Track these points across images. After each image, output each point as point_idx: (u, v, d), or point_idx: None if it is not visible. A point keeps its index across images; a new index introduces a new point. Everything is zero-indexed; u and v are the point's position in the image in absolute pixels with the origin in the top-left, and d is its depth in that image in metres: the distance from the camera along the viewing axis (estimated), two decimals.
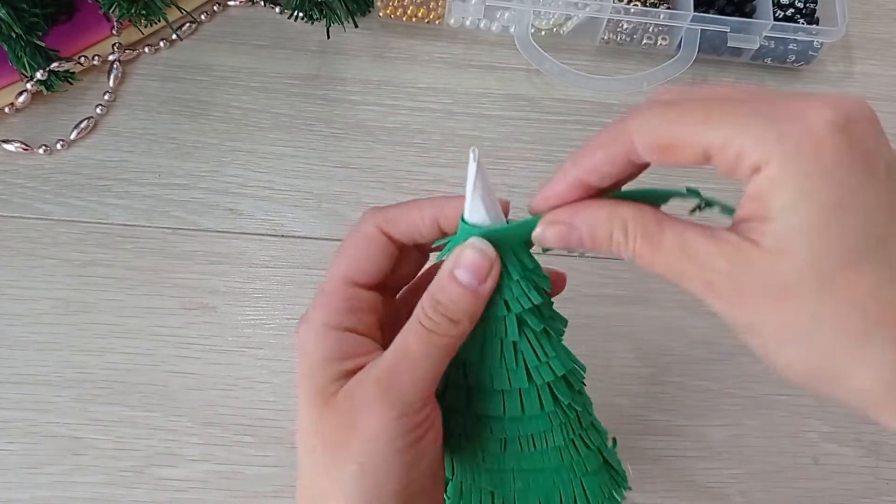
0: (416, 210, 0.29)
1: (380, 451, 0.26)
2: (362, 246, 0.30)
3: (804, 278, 0.22)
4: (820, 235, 0.22)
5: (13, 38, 0.46)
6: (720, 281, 0.23)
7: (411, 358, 0.27)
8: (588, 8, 0.53)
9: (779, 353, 0.24)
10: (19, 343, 0.44)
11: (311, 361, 0.28)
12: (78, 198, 0.48)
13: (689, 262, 0.24)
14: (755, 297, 0.23)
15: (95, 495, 0.41)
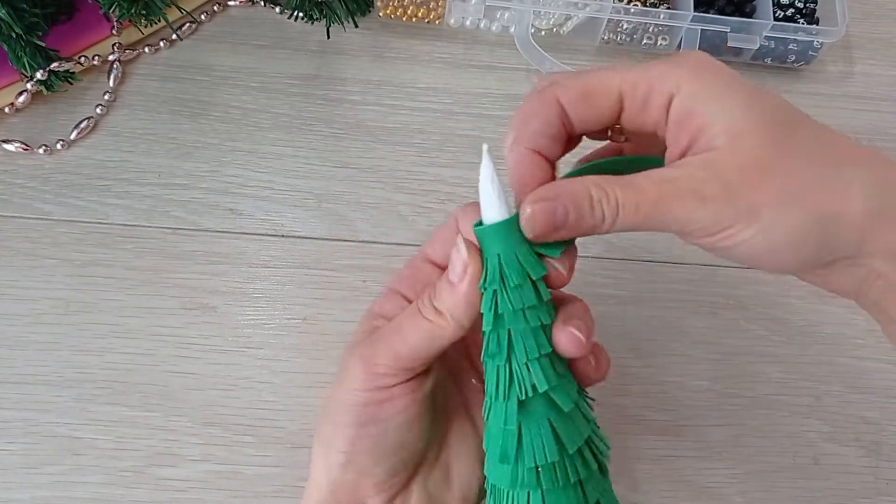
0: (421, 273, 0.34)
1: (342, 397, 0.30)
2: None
3: (768, 146, 0.26)
4: (756, 112, 0.26)
5: (13, 38, 0.46)
6: (706, 185, 0.26)
7: (398, 331, 0.30)
8: (588, 8, 0.53)
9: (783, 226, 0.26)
10: (19, 343, 0.44)
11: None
12: (78, 198, 0.48)
13: (672, 184, 0.26)
14: (742, 182, 0.26)
15: (95, 495, 0.41)
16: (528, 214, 0.27)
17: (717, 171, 0.26)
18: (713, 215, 0.26)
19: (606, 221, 0.27)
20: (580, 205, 0.27)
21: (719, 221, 0.26)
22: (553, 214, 0.27)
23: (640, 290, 0.48)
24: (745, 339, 0.47)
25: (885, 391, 0.47)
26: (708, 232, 0.26)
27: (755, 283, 0.49)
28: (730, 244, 0.26)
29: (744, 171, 0.25)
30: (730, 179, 0.25)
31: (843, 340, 0.48)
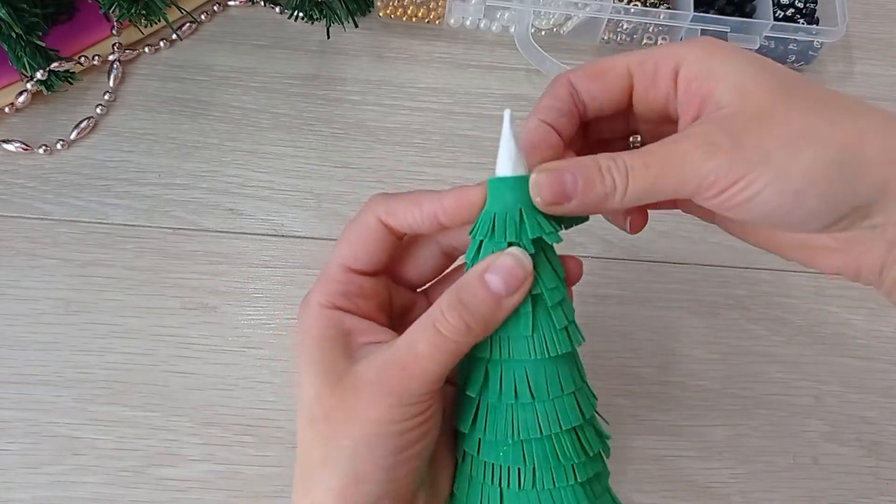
0: (415, 205, 0.30)
1: (374, 433, 0.27)
2: (361, 234, 0.30)
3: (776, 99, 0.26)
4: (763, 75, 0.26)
5: (13, 38, 0.46)
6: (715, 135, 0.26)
7: (417, 357, 0.27)
8: (588, 8, 0.53)
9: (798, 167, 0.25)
10: (19, 343, 0.44)
11: (314, 338, 0.29)
12: (78, 198, 0.48)
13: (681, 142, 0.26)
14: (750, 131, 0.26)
15: (95, 495, 0.41)
16: (535, 179, 0.27)
17: (726, 124, 0.26)
18: (724, 165, 0.25)
19: (618, 189, 0.27)
20: (589, 173, 0.27)
21: (731, 171, 0.25)
22: (561, 181, 0.27)
23: (640, 290, 0.48)
24: (745, 339, 0.48)
25: (885, 391, 0.47)
26: (721, 186, 0.25)
27: (755, 283, 0.49)
28: (747, 197, 0.25)
29: (751, 121, 0.26)
30: (739, 130, 0.26)
31: (843, 340, 0.48)
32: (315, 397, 0.28)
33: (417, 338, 0.27)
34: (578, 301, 0.32)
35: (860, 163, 0.25)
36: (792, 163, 0.25)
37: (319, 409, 0.28)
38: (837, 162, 0.25)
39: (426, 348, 0.27)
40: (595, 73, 0.29)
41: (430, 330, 0.27)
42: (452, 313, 0.27)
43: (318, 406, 0.28)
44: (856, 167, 0.25)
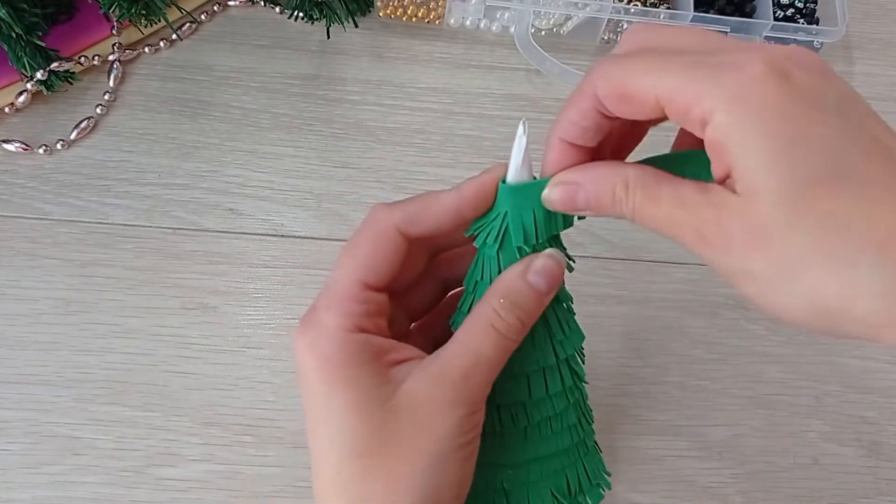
0: (435, 203, 0.29)
1: (447, 449, 0.27)
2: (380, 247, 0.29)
3: (778, 215, 0.23)
4: (780, 170, 0.23)
5: (13, 38, 0.46)
6: (709, 229, 0.24)
7: (485, 361, 0.27)
8: (588, 8, 0.53)
9: (776, 295, 0.24)
10: (19, 343, 0.44)
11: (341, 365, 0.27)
12: (78, 198, 0.48)
13: (683, 212, 0.25)
14: (741, 241, 0.24)
15: (95, 495, 0.41)
16: (547, 193, 0.28)
17: (724, 221, 0.24)
18: (711, 260, 0.25)
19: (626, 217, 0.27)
20: (601, 197, 0.27)
21: (721, 268, 0.25)
22: (573, 198, 0.27)
23: (640, 290, 0.48)
24: (745, 339, 0.47)
25: (885, 391, 0.47)
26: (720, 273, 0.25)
27: None
28: (736, 288, 0.25)
29: (746, 233, 0.23)
30: (732, 236, 0.24)
31: (843, 340, 0.48)
32: (364, 431, 0.27)
33: (482, 345, 0.27)
34: (578, 301, 0.32)
35: (846, 319, 0.23)
36: (773, 293, 0.24)
37: (371, 443, 0.27)
38: (821, 312, 0.23)
39: (493, 352, 0.27)
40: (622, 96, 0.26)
41: (491, 332, 0.27)
42: (510, 314, 0.28)
43: (369, 439, 0.27)
44: (841, 321, 0.23)
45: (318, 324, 0.28)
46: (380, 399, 0.27)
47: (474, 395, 0.27)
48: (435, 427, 0.27)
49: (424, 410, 0.27)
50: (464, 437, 0.27)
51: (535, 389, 0.30)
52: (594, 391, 0.45)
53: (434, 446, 0.27)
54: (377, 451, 0.27)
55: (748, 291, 0.24)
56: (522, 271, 0.28)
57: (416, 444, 0.27)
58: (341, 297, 0.28)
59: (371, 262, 0.28)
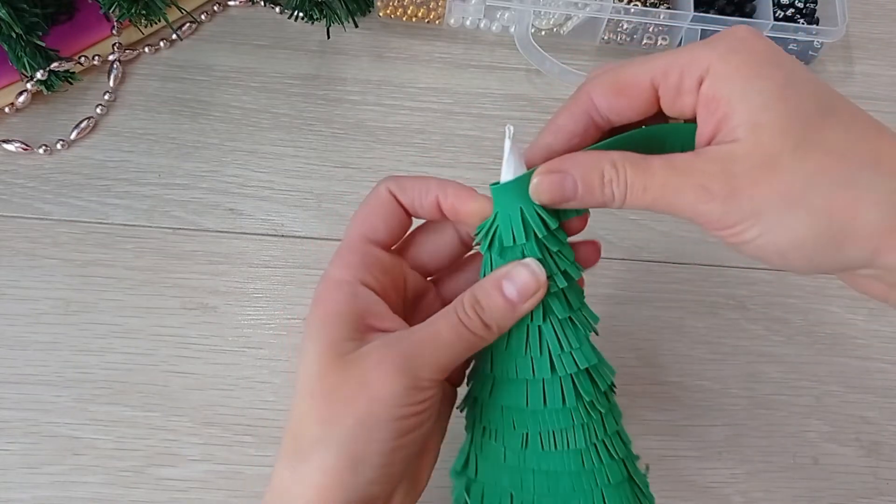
0: (423, 184, 0.31)
1: (379, 414, 0.28)
2: (375, 206, 0.31)
3: (785, 142, 0.25)
4: (781, 106, 0.25)
5: (13, 38, 0.46)
6: (713, 180, 0.25)
7: (438, 341, 0.28)
8: (588, 8, 0.53)
9: (782, 227, 0.25)
10: (19, 343, 0.44)
11: (326, 313, 0.29)
12: (78, 198, 0.48)
13: (681, 176, 0.26)
14: (748, 180, 0.25)
15: (95, 495, 0.41)
16: (535, 183, 0.28)
17: (727, 167, 0.25)
18: (717, 212, 0.26)
19: (616, 200, 0.27)
20: (590, 181, 0.27)
21: (724, 219, 0.26)
22: (561, 186, 0.28)
23: (640, 290, 0.48)
24: (745, 339, 0.48)
25: (885, 391, 0.47)
26: (714, 226, 0.26)
27: (755, 283, 0.49)
28: (737, 241, 0.26)
29: (754, 169, 0.25)
30: (738, 178, 0.25)
31: (843, 340, 0.48)
32: (318, 372, 0.28)
33: (440, 325, 0.29)
34: None
35: (849, 234, 0.25)
36: (780, 225, 0.25)
37: (321, 385, 0.28)
38: (826, 232, 0.25)
39: (449, 335, 0.28)
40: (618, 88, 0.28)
41: (454, 320, 0.29)
42: (474, 314, 0.29)
43: (320, 381, 0.28)
44: (843, 238, 0.25)
45: (325, 275, 0.31)
46: (340, 351, 0.28)
47: (422, 371, 0.28)
48: (374, 389, 0.27)
49: (370, 371, 0.28)
50: (402, 408, 0.28)
51: (532, 399, 0.30)
52: None
53: (368, 407, 0.27)
54: (321, 395, 0.28)
55: (752, 235, 0.26)
56: (500, 276, 0.29)
57: (353, 399, 0.28)
58: (342, 250, 0.31)
59: (370, 219, 0.31)
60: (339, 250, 0.31)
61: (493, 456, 0.31)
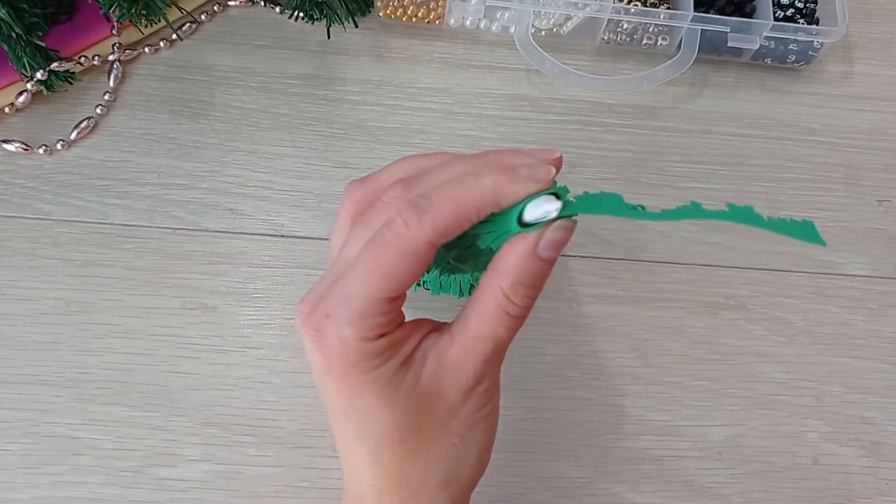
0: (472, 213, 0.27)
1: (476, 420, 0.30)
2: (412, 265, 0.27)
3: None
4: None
5: (13, 38, 0.46)
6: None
7: (501, 344, 0.29)
8: (588, 8, 0.53)
9: None
10: (19, 343, 0.44)
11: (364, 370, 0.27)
12: (78, 198, 0.48)
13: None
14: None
15: (95, 495, 0.41)
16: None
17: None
18: None
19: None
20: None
21: None
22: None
23: (640, 290, 0.48)
24: (745, 339, 0.48)
25: (885, 391, 0.47)
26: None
27: (755, 283, 0.49)
28: None
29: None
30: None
31: (843, 340, 0.48)
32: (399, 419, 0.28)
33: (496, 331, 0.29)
34: (579, 301, 0.32)
35: None
36: None
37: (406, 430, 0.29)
38: None
39: (508, 335, 0.29)
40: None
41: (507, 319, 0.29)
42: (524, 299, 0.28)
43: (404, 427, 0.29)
44: None
45: (340, 336, 0.27)
46: (406, 389, 0.28)
47: (495, 370, 0.30)
48: (462, 409, 0.29)
49: (451, 396, 0.29)
50: (486, 407, 0.30)
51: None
52: (594, 391, 0.45)
53: (462, 427, 0.29)
54: (414, 436, 0.29)
55: None
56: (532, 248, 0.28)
57: (448, 427, 0.29)
58: (364, 313, 0.27)
59: (402, 282, 0.27)
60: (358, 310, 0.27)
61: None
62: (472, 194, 0.27)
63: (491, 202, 0.27)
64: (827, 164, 0.53)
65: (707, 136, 0.54)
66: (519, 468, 0.43)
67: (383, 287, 0.27)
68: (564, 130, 0.53)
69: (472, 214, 0.27)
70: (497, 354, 0.29)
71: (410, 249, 0.27)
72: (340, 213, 0.32)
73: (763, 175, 0.53)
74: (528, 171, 0.28)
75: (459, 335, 0.29)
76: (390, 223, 0.27)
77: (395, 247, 0.27)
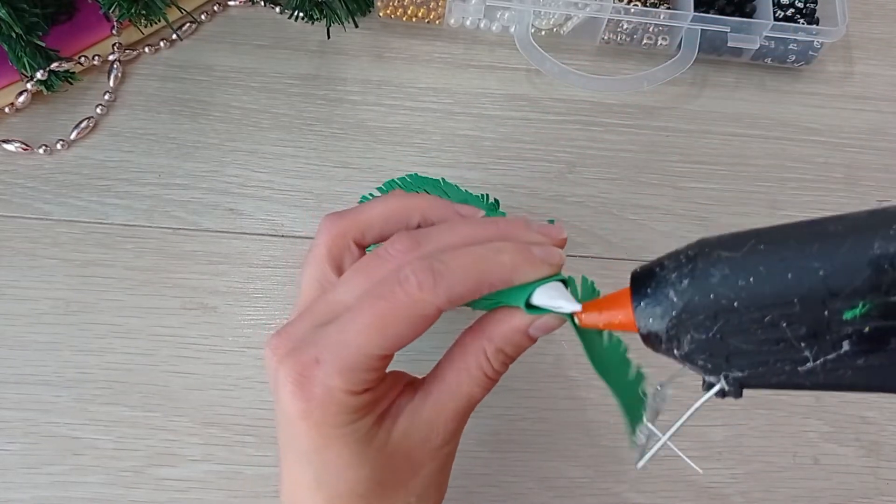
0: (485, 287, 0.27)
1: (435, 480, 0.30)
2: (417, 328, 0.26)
3: None
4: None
5: (13, 38, 0.46)
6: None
7: (475, 402, 0.30)
8: (588, 8, 0.53)
9: None
10: (19, 343, 0.44)
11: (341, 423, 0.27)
12: (78, 198, 0.48)
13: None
14: None
15: (95, 495, 0.41)
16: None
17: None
18: None
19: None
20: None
21: None
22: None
23: None
24: None
25: None
26: None
27: None
28: None
29: None
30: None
31: None
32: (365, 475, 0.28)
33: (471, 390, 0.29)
34: None
35: None
36: None
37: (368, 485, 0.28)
38: None
39: (481, 394, 0.30)
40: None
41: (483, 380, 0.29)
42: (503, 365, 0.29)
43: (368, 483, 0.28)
44: None
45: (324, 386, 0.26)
46: (378, 445, 0.28)
47: (461, 430, 0.30)
48: (426, 467, 0.29)
49: (418, 454, 0.29)
50: (445, 469, 0.31)
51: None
52: (594, 391, 0.45)
53: (421, 486, 0.29)
54: (376, 492, 0.28)
55: None
56: (526, 326, 0.29)
57: (408, 485, 0.29)
58: (357, 367, 0.26)
59: (402, 341, 0.26)
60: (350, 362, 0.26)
61: None
62: (490, 270, 0.27)
63: (506, 281, 0.27)
64: (827, 164, 0.53)
65: (707, 136, 0.54)
66: (519, 468, 0.43)
67: (383, 345, 0.26)
68: (564, 130, 0.53)
69: (486, 289, 0.27)
70: (467, 413, 0.30)
71: (420, 313, 0.26)
72: (316, 248, 0.31)
73: (763, 175, 0.53)
74: (544, 254, 0.28)
75: (435, 391, 0.29)
76: (403, 281, 0.26)
77: (405, 307, 0.26)
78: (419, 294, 0.25)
